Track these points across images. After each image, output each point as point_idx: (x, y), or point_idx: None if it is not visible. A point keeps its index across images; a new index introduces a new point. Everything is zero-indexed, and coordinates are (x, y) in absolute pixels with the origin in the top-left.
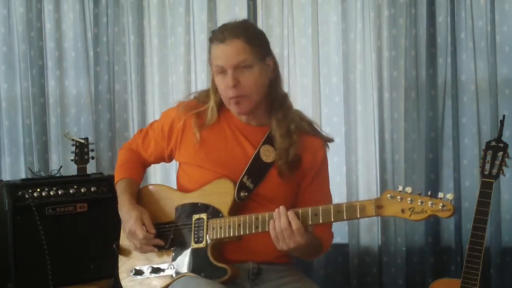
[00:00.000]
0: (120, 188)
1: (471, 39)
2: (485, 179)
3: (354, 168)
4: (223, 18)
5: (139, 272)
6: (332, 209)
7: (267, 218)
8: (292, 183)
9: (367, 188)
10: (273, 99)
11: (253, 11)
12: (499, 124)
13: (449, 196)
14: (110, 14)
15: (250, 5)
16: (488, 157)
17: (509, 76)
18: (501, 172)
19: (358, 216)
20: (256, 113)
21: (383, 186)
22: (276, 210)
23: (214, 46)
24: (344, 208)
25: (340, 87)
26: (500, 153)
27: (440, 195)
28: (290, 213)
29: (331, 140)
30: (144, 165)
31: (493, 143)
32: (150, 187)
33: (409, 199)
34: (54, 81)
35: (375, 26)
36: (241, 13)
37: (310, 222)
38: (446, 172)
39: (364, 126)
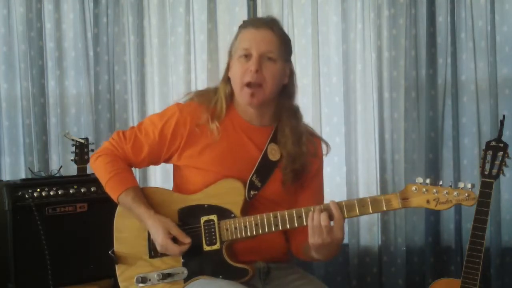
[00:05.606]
0: (128, 201)
1: (471, 39)
2: (485, 179)
3: (354, 168)
4: (223, 18)
5: (144, 280)
6: (356, 204)
7: (287, 216)
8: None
9: (367, 188)
10: (282, 105)
11: (253, 11)
12: (499, 124)
13: (469, 185)
14: (110, 14)
15: (250, 5)
16: (488, 157)
17: (509, 76)
18: (501, 172)
19: (385, 209)
20: (261, 112)
21: (383, 186)
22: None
23: (245, 30)
24: (369, 202)
25: (340, 87)
26: (500, 153)
27: (461, 184)
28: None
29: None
30: (132, 171)
31: (493, 143)
32: (147, 190)
33: (434, 190)
34: (54, 81)
35: (375, 26)
36: (241, 13)
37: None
38: (446, 172)
39: (364, 126)
